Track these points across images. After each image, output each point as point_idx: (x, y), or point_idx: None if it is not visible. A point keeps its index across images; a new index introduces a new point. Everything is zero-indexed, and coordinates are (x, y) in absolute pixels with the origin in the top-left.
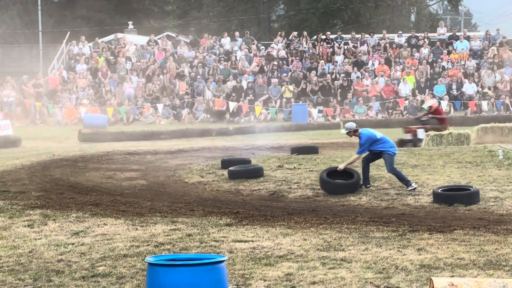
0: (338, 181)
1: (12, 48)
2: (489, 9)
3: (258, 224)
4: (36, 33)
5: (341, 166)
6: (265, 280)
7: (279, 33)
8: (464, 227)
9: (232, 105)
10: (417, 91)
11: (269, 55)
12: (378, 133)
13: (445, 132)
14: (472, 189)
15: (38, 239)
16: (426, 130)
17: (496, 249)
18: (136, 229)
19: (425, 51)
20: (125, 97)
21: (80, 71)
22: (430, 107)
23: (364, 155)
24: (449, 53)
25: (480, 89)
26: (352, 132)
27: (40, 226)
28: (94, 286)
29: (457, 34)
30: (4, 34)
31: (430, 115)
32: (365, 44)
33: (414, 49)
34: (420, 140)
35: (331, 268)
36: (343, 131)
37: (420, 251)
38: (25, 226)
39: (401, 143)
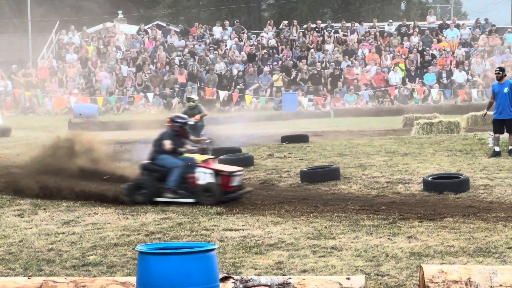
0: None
1: (1, 38)
2: None
3: (248, 213)
4: (25, 22)
5: None
6: (255, 269)
7: (268, 22)
8: (454, 215)
9: (222, 94)
10: (407, 79)
11: (259, 44)
12: None
13: (435, 120)
14: (462, 177)
15: (29, 228)
16: None
17: (485, 236)
18: (127, 218)
19: (415, 39)
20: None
21: (70, 60)
22: None
23: None
24: (439, 41)
25: (470, 78)
26: (502, 74)
27: (30, 215)
28: (85, 275)
29: (447, 22)
30: None
31: None
32: (355, 33)
33: (404, 38)
34: None
35: (322, 256)
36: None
37: (410, 239)
38: (15, 216)
39: None
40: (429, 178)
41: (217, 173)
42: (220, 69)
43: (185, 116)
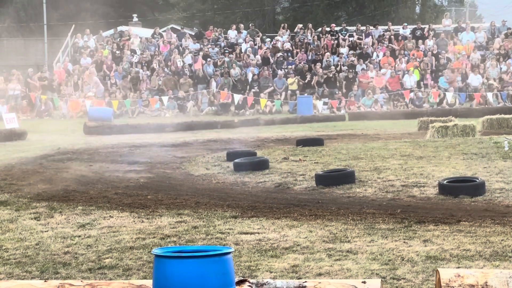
0: None
1: (17, 41)
2: (494, 1)
3: (263, 216)
4: (41, 26)
5: None
6: (271, 272)
7: (282, 25)
8: (470, 219)
9: (237, 98)
10: (422, 82)
11: (274, 47)
12: None
13: (450, 124)
14: (477, 180)
15: (45, 231)
16: None
17: (502, 240)
18: (142, 222)
19: (430, 42)
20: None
21: (85, 64)
22: None
23: None
24: (454, 44)
25: (485, 81)
26: None
27: (46, 218)
28: (101, 278)
29: (462, 25)
30: (9, 27)
31: None
32: (370, 36)
33: (419, 41)
34: None
35: (337, 259)
36: None
37: (426, 242)
38: (32, 219)
39: None
40: (445, 182)
41: None
42: (235, 75)
43: None
